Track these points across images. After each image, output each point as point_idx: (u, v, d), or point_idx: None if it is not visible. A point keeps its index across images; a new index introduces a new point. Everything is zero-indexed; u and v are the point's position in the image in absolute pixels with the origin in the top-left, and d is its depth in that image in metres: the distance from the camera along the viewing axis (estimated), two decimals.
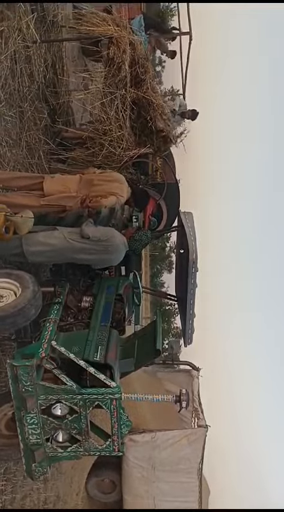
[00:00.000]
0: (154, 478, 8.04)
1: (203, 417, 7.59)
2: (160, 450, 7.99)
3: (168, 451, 7.95)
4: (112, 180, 4.32)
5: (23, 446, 3.46)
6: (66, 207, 4.15)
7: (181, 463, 7.97)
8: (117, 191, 4.31)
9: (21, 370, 3.19)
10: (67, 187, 4.13)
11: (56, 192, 4.08)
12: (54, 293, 4.16)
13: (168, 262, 39.26)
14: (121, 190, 4.35)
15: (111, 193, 4.25)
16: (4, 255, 4.19)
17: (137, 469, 8.12)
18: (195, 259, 4.57)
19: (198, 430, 7.87)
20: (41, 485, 5.53)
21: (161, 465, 7.90)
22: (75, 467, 7.23)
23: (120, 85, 5.23)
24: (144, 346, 4.31)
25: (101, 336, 3.83)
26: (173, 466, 7.86)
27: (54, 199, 4.07)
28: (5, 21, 3.81)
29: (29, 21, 4.66)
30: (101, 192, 4.22)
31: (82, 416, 3.37)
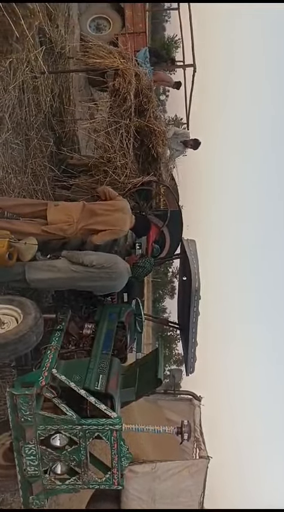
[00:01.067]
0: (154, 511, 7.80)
1: (205, 448, 7.41)
2: (160, 481, 7.78)
3: (169, 482, 7.75)
4: (115, 210, 4.33)
5: (21, 478, 3.37)
6: (65, 237, 4.17)
7: (182, 496, 7.74)
8: (119, 224, 4.31)
9: (20, 399, 3.15)
10: (71, 216, 4.16)
11: (59, 221, 4.11)
12: (56, 320, 4.15)
13: (170, 287, 39.14)
14: (123, 222, 4.35)
15: (113, 226, 4.25)
16: (6, 281, 4.19)
17: (137, 501, 7.89)
18: (197, 288, 4.56)
19: (200, 461, 7.69)
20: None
21: (161, 497, 7.67)
22: (73, 499, 7.04)
23: (125, 115, 5.34)
24: (145, 375, 4.25)
25: (102, 364, 3.79)
26: (173, 499, 7.64)
27: (54, 228, 4.09)
28: (14, 53, 3.93)
29: (37, 53, 4.79)
30: (104, 223, 4.23)
31: (81, 448, 3.30)
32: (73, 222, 4.15)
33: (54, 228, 4.10)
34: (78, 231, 4.18)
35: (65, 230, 4.12)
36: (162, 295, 41.03)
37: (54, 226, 4.09)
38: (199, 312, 4.67)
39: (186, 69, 8.82)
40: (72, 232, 4.15)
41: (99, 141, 5.49)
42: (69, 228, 4.13)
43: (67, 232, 4.14)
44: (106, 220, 4.24)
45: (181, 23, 9.61)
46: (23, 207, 4.25)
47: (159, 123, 5.53)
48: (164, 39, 25.49)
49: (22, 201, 4.50)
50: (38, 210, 4.19)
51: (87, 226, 4.20)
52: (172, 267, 40.76)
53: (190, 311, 4.60)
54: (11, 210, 4.27)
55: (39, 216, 4.17)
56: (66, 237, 4.18)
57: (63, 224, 4.11)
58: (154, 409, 8.28)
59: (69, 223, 4.13)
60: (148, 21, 12.08)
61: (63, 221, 4.12)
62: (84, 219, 4.19)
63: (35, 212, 4.20)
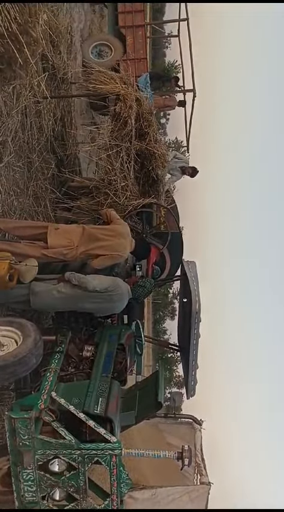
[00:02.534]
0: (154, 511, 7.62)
1: (206, 473, 7.28)
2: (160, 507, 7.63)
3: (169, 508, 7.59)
4: (115, 235, 4.35)
5: (18, 504, 3.31)
6: (65, 260, 4.20)
7: None
8: (119, 249, 4.33)
9: (19, 422, 3.11)
10: (71, 241, 4.19)
11: (59, 245, 4.14)
12: (56, 342, 4.13)
13: (170, 308, 39.01)
14: (124, 247, 4.37)
15: (113, 251, 4.28)
16: (7, 302, 4.19)
17: None
18: (197, 310, 4.55)
19: (201, 487, 7.53)
20: None
21: None
22: None
23: (126, 138, 5.42)
24: (145, 399, 4.20)
25: (102, 387, 3.75)
26: None
27: (54, 252, 4.12)
28: (17, 79, 4.02)
29: (40, 79, 4.90)
30: (104, 248, 4.25)
31: (80, 473, 3.24)
32: (73, 247, 4.17)
33: (54, 252, 4.13)
34: (78, 255, 4.21)
35: (65, 254, 4.15)
36: (163, 317, 40.84)
37: (54, 251, 4.12)
38: (199, 334, 4.65)
39: (186, 93, 9.01)
40: (72, 256, 4.18)
41: (100, 164, 5.56)
42: (69, 252, 4.16)
43: (67, 256, 4.16)
44: (106, 245, 4.26)
45: (181, 48, 9.86)
46: (24, 230, 4.29)
47: (159, 146, 5.62)
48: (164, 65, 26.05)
49: (23, 223, 4.53)
50: (39, 233, 4.23)
51: (87, 251, 4.22)
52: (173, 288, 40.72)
53: (190, 333, 4.58)
54: (12, 232, 4.30)
55: (40, 238, 4.20)
56: (66, 260, 4.20)
57: (63, 249, 4.14)
58: (155, 433, 8.15)
59: (69, 248, 4.15)
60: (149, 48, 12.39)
61: (63, 246, 4.14)
62: (85, 243, 4.22)
63: (35, 234, 4.23)
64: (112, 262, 4.40)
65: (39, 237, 4.21)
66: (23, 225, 4.42)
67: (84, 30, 8.60)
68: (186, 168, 8.11)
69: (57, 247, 4.11)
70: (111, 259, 4.32)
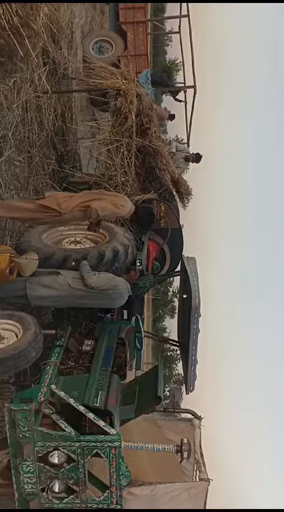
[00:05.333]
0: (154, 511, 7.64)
1: (205, 470, 7.29)
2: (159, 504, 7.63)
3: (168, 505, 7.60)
4: (114, 195, 4.36)
5: (18, 496, 3.31)
6: (60, 212, 4.14)
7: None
8: (120, 202, 4.29)
9: (19, 414, 3.12)
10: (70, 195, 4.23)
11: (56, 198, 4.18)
12: (56, 336, 4.14)
13: (170, 307, 39.00)
14: (124, 203, 4.32)
15: (112, 203, 4.24)
16: (7, 297, 4.19)
17: None
18: (197, 305, 4.55)
19: (199, 484, 7.54)
20: None
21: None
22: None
23: (126, 133, 5.43)
24: (145, 393, 4.21)
25: (102, 381, 3.76)
26: None
27: (50, 200, 4.11)
28: (18, 72, 4.02)
29: (41, 73, 4.90)
30: (103, 201, 4.23)
31: (80, 465, 3.25)
32: (71, 197, 4.19)
33: (50, 201, 4.10)
34: (75, 207, 4.14)
35: (61, 204, 4.09)
36: (162, 315, 40.83)
37: (51, 199, 4.10)
38: (199, 329, 4.65)
39: (186, 91, 9.00)
40: (67, 206, 4.11)
41: (100, 159, 5.57)
42: (65, 201, 4.11)
43: (62, 206, 4.09)
44: (105, 198, 4.23)
45: (182, 45, 9.85)
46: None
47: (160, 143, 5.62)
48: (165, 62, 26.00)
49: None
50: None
51: (85, 202, 4.16)
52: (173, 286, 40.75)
53: (190, 328, 4.58)
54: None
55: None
56: (61, 213, 4.12)
57: (60, 197, 4.13)
58: (154, 429, 8.15)
59: (66, 197, 4.15)
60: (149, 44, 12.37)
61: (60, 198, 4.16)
62: (82, 196, 4.21)
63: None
64: (112, 213, 4.30)
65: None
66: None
67: (85, 26, 8.60)
68: (189, 156, 8.10)
69: (52, 198, 4.12)
70: (112, 208, 4.23)
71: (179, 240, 6.27)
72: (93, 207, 4.08)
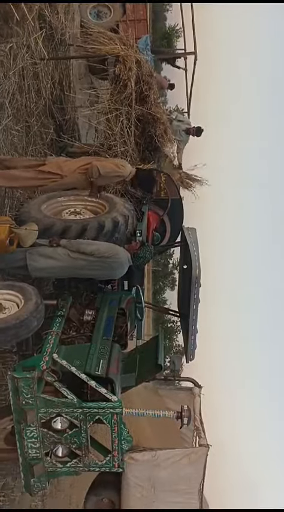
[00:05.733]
0: (154, 498, 7.88)
1: (205, 436, 7.48)
2: (160, 469, 7.85)
3: (169, 470, 7.82)
4: (116, 159, 4.34)
5: (22, 461, 3.40)
6: (61, 175, 4.13)
7: (182, 483, 7.83)
8: (121, 164, 4.30)
9: (22, 382, 3.17)
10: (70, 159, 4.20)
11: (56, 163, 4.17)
12: (57, 306, 4.16)
13: (170, 279, 39.11)
14: (124, 166, 4.34)
15: (113, 162, 4.25)
16: (7, 268, 4.19)
17: (137, 488, 7.98)
18: (198, 275, 4.56)
19: (199, 450, 7.75)
20: (38, 503, 5.43)
21: (161, 485, 7.76)
22: (73, 485, 7.11)
23: (125, 102, 5.33)
24: (145, 361, 4.27)
25: (103, 350, 3.80)
26: (173, 486, 7.72)
27: (51, 166, 4.11)
28: (14, 37, 3.90)
29: (37, 37, 4.76)
30: (104, 162, 4.24)
31: (82, 431, 3.32)
32: (71, 160, 4.18)
33: (51, 166, 4.10)
34: (76, 169, 4.14)
35: (62, 167, 4.09)
36: (163, 287, 41.00)
37: (51, 164, 4.10)
38: (199, 299, 4.67)
39: (187, 57, 8.77)
40: (69, 169, 4.12)
41: (99, 129, 5.47)
42: (66, 165, 4.11)
43: (64, 170, 4.09)
44: (106, 160, 4.23)
45: (183, 10, 9.54)
46: (22, 161, 4.28)
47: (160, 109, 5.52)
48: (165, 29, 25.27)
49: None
50: (37, 164, 4.22)
51: (86, 164, 4.17)
52: (173, 258, 40.80)
53: (190, 298, 4.61)
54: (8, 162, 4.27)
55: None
56: (63, 175, 4.12)
57: (61, 161, 4.12)
58: (155, 398, 8.33)
59: (67, 160, 4.14)
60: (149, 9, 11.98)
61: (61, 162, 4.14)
62: (84, 159, 4.19)
63: (34, 165, 4.25)
64: (113, 174, 4.34)
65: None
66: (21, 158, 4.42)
67: None
68: (189, 128, 7.98)
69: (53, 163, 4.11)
70: (114, 169, 4.25)
71: (179, 211, 6.23)
72: (95, 164, 4.09)
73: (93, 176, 4.26)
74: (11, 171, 4.04)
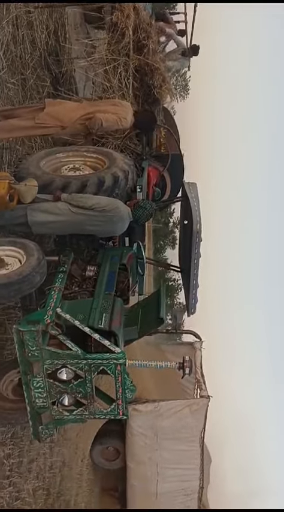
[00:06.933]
0: (157, 445, 8.24)
1: (205, 388, 7.73)
2: (162, 419, 8.16)
3: (171, 420, 8.12)
4: (115, 103, 4.29)
5: (30, 410, 3.53)
6: (62, 126, 4.08)
7: (183, 432, 8.15)
8: (122, 112, 4.25)
9: (27, 335, 3.24)
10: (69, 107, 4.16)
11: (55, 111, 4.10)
12: (59, 262, 4.18)
13: (171, 238, 39.18)
14: (125, 112, 4.28)
15: (115, 114, 4.19)
16: (8, 225, 4.18)
17: (140, 437, 8.32)
18: (199, 229, 4.56)
19: (200, 400, 8.01)
20: (47, 451, 5.68)
21: (164, 433, 8.08)
22: (80, 434, 7.42)
23: (123, 52, 5.15)
24: (147, 315, 4.34)
25: (105, 304, 3.86)
26: (175, 435, 8.05)
27: (50, 115, 4.04)
28: None
29: None
30: (105, 112, 4.18)
31: (87, 381, 3.42)
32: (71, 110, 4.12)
33: (50, 116, 4.05)
34: (77, 120, 4.10)
35: (62, 119, 4.04)
36: (163, 246, 41.16)
37: (50, 114, 4.05)
38: (200, 253, 4.69)
39: None
40: (69, 119, 4.07)
41: (97, 81, 5.32)
42: (66, 115, 4.05)
43: (64, 120, 4.05)
44: (107, 109, 4.18)
45: None
46: (20, 110, 4.21)
47: (158, 58, 5.34)
48: None
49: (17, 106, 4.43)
50: (36, 110, 4.16)
51: (87, 114, 4.12)
52: (173, 217, 40.67)
53: (191, 253, 4.63)
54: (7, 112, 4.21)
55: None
56: (64, 126, 4.07)
57: (60, 112, 4.07)
58: (157, 353, 8.52)
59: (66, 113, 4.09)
60: None
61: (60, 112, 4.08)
62: (84, 107, 4.14)
63: (33, 111, 4.19)
64: (114, 124, 4.30)
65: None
66: (18, 106, 4.34)
67: None
68: (184, 51, 7.73)
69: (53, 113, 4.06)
70: (115, 123, 4.22)
71: (179, 167, 6.15)
72: (98, 116, 4.02)
73: (94, 128, 4.18)
74: (10, 121, 3.95)
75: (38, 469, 5.27)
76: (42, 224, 4.06)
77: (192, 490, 8.32)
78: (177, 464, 8.18)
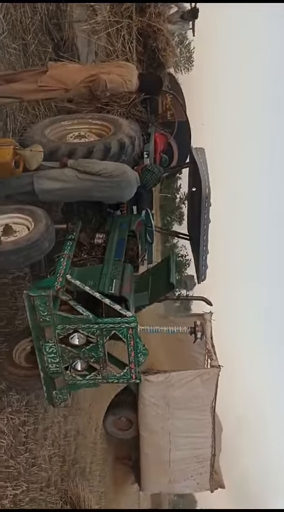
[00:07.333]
0: (169, 415, 8.35)
1: (216, 358, 7.77)
2: (174, 389, 8.24)
3: (182, 390, 8.21)
4: (120, 65, 4.21)
5: (43, 375, 3.55)
6: (65, 88, 4.02)
7: (195, 401, 8.24)
8: (126, 74, 4.17)
9: (38, 300, 3.23)
10: None
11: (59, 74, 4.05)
12: (67, 230, 4.15)
13: (178, 213, 38.94)
14: (130, 74, 4.20)
15: (120, 76, 4.12)
16: (15, 194, 4.14)
17: (152, 407, 8.42)
18: (208, 194, 4.49)
19: (211, 370, 8.07)
20: (61, 419, 5.76)
21: (175, 403, 8.18)
22: (92, 405, 7.52)
23: (126, 14, 5.00)
24: (157, 281, 4.32)
25: (115, 270, 3.83)
26: (187, 404, 8.14)
27: (53, 77, 3.98)
28: None
29: None
30: (110, 73, 4.11)
31: (99, 345, 3.43)
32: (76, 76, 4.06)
33: (54, 78, 3.99)
34: (81, 81, 4.05)
35: (65, 81, 3.99)
36: (170, 222, 40.95)
37: (53, 77, 3.99)
38: (209, 219, 4.63)
39: None
40: (73, 82, 4.00)
41: (100, 45, 5.17)
42: (70, 77, 3.99)
43: (68, 83, 3.99)
44: (112, 70, 4.10)
45: None
46: (22, 73, 4.15)
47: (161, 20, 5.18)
48: None
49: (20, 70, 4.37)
50: (39, 73, 4.11)
51: (91, 76, 4.06)
52: (180, 192, 40.35)
53: (200, 218, 4.56)
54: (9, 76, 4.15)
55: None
56: (68, 89, 4.00)
57: (63, 74, 4.01)
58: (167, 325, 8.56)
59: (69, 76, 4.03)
60: None
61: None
62: (88, 69, 4.06)
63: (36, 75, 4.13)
64: (119, 86, 4.25)
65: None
66: (21, 70, 4.27)
67: None
68: (183, 14, 7.49)
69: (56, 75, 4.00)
70: (120, 85, 4.16)
71: (186, 134, 6.04)
72: (102, 77, 3.93)
73: (98, 90, 4.09)
74: (12, 85, 3.88)
75: (53, 436, 5.36)
76: (49, 192, 4.01)
77: (204, 458, 8.47)
78: (189, 433, 8.30)
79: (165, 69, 5.61)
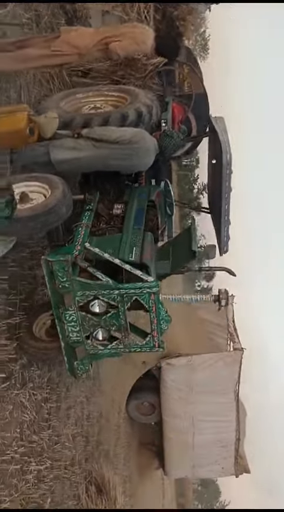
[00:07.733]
0: (192, 399, 8.25)
1: (239, 341, 7.63)
2: (197, 372, 8.12)
3: (205, 373, 8.08)
4: (135, 26, 4.10)
5: (64, 345, 3.47)
6: (79, 53, 3.95)
7: (218, 384, 8.11)
8: (141, 37, 4.07)
9: (56, 265, 3.14)
10: None
11: None
12: (84, 200, 4.05)
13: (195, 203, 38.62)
14: (144, 36, 4.10)
15: (134, 38, 4.01)
16: (30, 164, 4.05)
17: (174, 391, 8.33)
18: (229, 161, 4.32)
19: (234, 353, 7.92)
20: (83, 400, 5.70)
21: (198, 387, 8.06)
22: (115, 387, 7.45)
23: None
24: (179, 250, 4.19)
25: (135, 238, 3.71)
26: (210, 387, 8.02)
27: (67, 41, 3.90)
28: None
29: None
30: (124, 36, 4.01)
31: (120, 313, 3.32)
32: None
33: (67, 41, 3.93)
34: (95, 44, 3.96)
35: (78, 45, 3.91)
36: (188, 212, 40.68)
37: (66, 40, 3.91)
38: (231, 187, 4.46)
39: None
40: (86, 46, 3.94)
41: (114, 15, 5.04)
42: (83, 40, 3.91)
43: (81, 47, 3.91)
44: (126, 32, 4.00)
45: None
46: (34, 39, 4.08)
47: None
48: None
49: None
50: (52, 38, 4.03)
51: (105, 38, 3.97)
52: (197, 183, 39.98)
53: (222, 187, 4.40)
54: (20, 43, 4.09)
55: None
56: (81, 53, 3.93)
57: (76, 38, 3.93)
58: (189, 311, 8.45)
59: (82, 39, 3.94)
60: None
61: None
62: (102, 32, 3.97)
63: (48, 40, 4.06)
64: (132, 49, 4.14)
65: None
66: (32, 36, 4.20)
67: None
68: None
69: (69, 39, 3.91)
70: (135, 50, 4.07)
71: (205, 106, 5.85)
72: (113, 48, 3.83)
73: (113, 58, 4.00)
74: (24, 50, 3.80)
75: (76, 416, 5.29)
76: (66, 161, 3.91)
77: (228, 442, 8.36)
78: (212, 417, 8.19)
79: (183, 39, 5.44)
